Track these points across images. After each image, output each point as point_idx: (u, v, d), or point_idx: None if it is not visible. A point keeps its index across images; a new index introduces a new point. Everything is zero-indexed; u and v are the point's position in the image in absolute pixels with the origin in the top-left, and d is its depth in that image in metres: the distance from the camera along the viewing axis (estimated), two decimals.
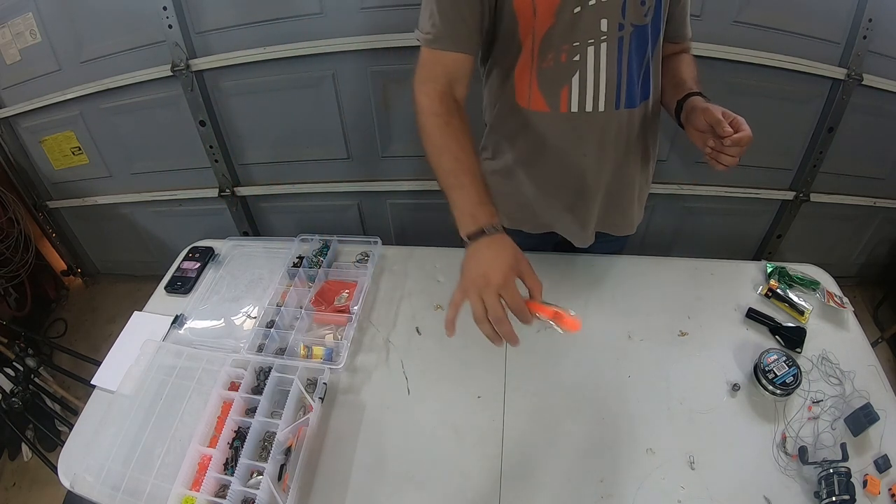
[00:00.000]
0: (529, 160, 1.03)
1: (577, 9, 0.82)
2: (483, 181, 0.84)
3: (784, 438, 0.87)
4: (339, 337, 1.05)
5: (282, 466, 0.84)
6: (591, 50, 0.86)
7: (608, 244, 1.19)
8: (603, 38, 0.85)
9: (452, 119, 0.87)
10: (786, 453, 0.85)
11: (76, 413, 1.70)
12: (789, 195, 1.90)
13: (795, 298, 1.07)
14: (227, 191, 1.98)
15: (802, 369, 0.93)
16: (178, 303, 1.16)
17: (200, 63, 1.67)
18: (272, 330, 1.04)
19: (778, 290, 1.08)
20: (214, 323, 1.13)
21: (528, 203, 1.09)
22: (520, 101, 0.95)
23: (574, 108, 0.92)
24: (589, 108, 0.91)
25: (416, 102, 0.90)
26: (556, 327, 0.75)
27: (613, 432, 0.90)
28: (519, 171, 1.05)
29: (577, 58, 0.87)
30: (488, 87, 1.02)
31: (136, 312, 1.16)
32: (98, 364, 1.05)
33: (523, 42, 0.88)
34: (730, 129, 0.81)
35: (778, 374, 0.91)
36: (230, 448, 0.88)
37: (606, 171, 1.01)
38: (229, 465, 0.86)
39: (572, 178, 1.02)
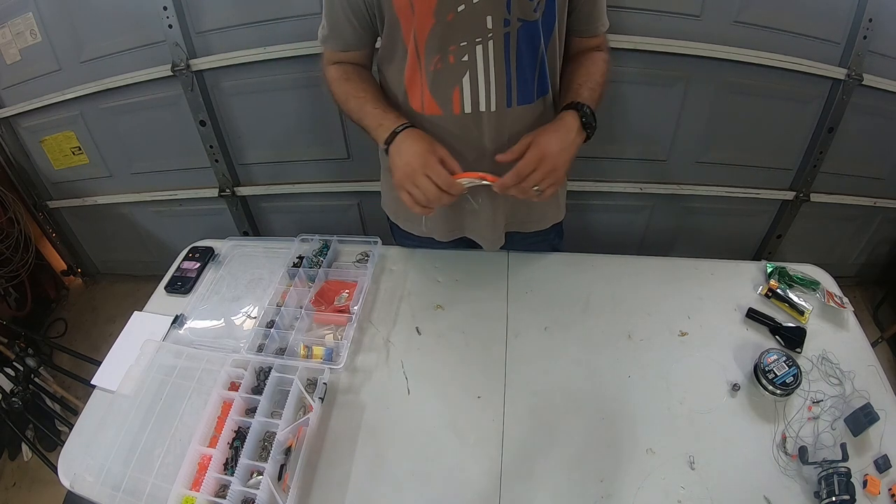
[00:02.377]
0: None
1: (461, 7, 0.81)
2: (386, 103, 0.94)
3: (784, 438, 0.87)
4: (339, 337, 1.05)
5: (282, 466, 0.84)
6: (479, 49, 0.85)
7: (537, 241, 1.19)
8: (489, 35, 0.84)
9: (351, 74, 0.97)
10: (786, 453, 0.85)
11: (76, 413, 1.70)
12: (789, 195, 1.90)
13: (795, 298, 1.07)
14: (227, 191, 1.98)
15: (802, 369, 0.93)
16: (178, 303, 1.16)
17: (200, 63, 1.67)
18: (272, 330, 1.04)
19: (778, 290, 1.08)
20: (214, 323, 1.13)
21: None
22: (413, 106, 0.94)
23: (468, 109, 0.91)
24: (482, 107, 0.91)
25: (324, 77, 1.00)
26: (484, 182, 0.87)
27: (613, 432, 0.90)
28: None
29: (465, 58, 0.86)
30: (386, 95, 1.01)
31: (136, 312, 1.16)
32: (98, 364, 1.05)
33: (407, 44, 0.87)
34: (500, 157, 0.87)
35: (778, 374, 0.91)
36: (230, 448, 0.88)
37: (507, 169, 1.00)
38: (229, 465, 0.86)
39: None
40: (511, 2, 0.81)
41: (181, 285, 1.19)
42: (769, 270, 1.13)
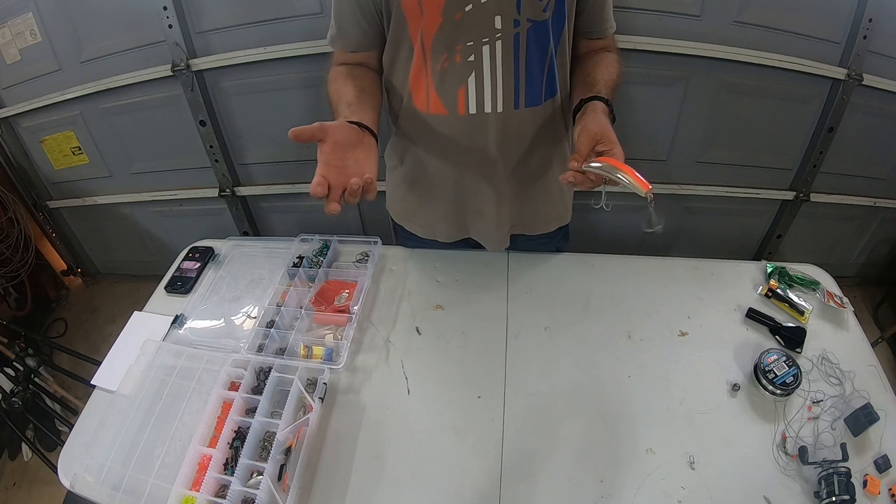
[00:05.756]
0: (435, 165, 1.01)
1: (469, 7, 0.80)
2: (363, 104, 0.88)
3: (784, 438, 0.87)
4: (339, 337, 1.05)
5: (282, 466, 0.84)
6: (486, 49, 0.84)
7: (542, 243, 1.18)
8: (497, 35, 0.83)
9: (346, 74, 0.92)
10: (786, 453, 0.85)
11: (76, 413, 1.70)
12: (789, 195, 1.90)
13: (795, 298, 1.06)
14: (227, 191, 1.98)
15: (802, 369, 0.93)
16: (178, 303, 1.16)
17: (200, 63, 1.67)
18: (272, 330, 1.04)
19: (778, 290, 1.08)
20: (214, 323, 1.13)
21: (438, 209, 1.09)
22: (418, 105, 0.93)
23: (472, 110, 0.90)
24: (488, 108, 0.90)
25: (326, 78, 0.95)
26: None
27: (613, 432, 0.90)
28: (425, 177, 1.05)
29: (471, 58, 0.85)
30: (390, 95, 1.00)
31: (136, 312, 1.16)
32: (98, 364, 1.05)
33: (413, 43, 0.87)
34: (575, 165, 0.80)
35: (778, 374, 0.91)
36: (230, 448, 0.88)
37: (512, 171, 1.00)
38: (229, 465, 0.86)
39: (478, 181, 1.01)
40: (521, 2, 0.80)
41: (181, 285, 1.19)
42: (769, 270, 1.13)
